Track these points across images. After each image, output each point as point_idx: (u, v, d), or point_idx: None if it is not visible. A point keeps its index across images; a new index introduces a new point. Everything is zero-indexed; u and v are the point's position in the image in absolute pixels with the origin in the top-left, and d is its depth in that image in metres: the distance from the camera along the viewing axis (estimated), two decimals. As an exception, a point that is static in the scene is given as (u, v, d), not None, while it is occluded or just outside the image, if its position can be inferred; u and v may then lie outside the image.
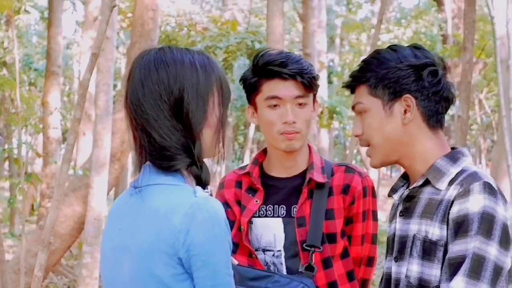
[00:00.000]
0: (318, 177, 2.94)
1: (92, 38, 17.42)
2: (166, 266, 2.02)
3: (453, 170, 2.35)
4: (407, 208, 2.44)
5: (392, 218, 2.54)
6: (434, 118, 2.41)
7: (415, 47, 2.45)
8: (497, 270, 2.19)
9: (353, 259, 3.03)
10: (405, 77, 2.37)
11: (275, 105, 2.89)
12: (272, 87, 2.89)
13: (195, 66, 2.15)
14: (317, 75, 2.95)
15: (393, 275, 2.44)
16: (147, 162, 2.15)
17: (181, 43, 13.74)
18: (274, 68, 2.86)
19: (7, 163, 27.25)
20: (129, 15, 15.37)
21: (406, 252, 2.39)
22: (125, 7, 16.19)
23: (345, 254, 3.01)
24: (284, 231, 2.94)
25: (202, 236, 2.00)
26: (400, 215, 2.46)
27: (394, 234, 2.48)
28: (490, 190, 2.24)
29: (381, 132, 2.40)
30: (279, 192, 2.99)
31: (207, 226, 2.01)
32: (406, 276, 2.36)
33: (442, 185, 2.34)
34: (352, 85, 2.49)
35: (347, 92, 2.97)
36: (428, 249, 2.31)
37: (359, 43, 24.64)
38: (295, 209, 2.94)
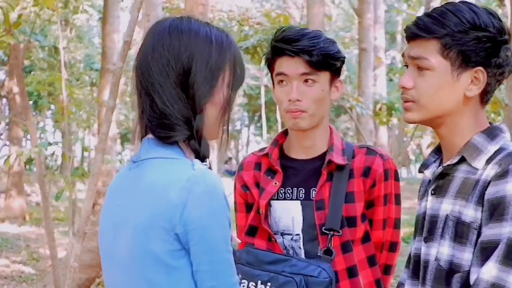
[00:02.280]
0: (338, 159, 2.86)
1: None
2: (163, 242, 1.96)
3: (491, 148, 2.18)
4: (440, 186, 2.27)
5: (422, 196, 2.38)
6: (488, 96, 2.25)
7: (491, 13, 2.23)
8: None
9: (375, 243, 2.94)
10: (483, 49, 2.18)
11: (282, 81, 2.84)
12: (280, 64, 2.84)
13: (210, 39, 2.10)
14: (337, 54, 2.84)
15: (422, 257, 2.29)
16: (148, 136, 2.11)
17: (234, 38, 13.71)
18: (282, 45, 2.81)
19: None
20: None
21: (436, 233, 2.23)
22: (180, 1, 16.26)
23: (366, 238, 2.92)
24: (303, 214, 2.87)
25: (199, 210, 1.94)
26: (432, 194, 2.29)
27: (424, 213, 2.31)
28: None
29: (438, 96, 2.20)
30: (298, 174, 2.91)
31: (204, 200, 1.95)
32: (436, 259, 2.21)
33: (479, 163, 2.17)
34: (418, 34, 2.23)
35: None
36: (461, 231, 2.14)
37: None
38: (314, 192, 2.86)
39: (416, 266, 2.32)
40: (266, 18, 12.02)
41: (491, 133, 2.22)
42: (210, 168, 2.07)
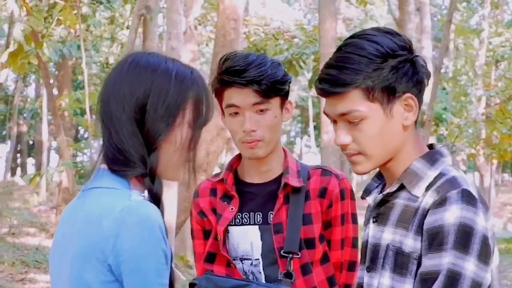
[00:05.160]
0: (294, 182, 2.84)
1: (191, 51, 17.76)
2: (96, 273, 1.93)
3: (431, 174, 2.10)
4: (381, 213, 2.21)
5: (366, 222, 2.31)
6: (419, 111, 2.17)
7: (387, 32, 2.14)
8: (475, 287, 1.96)
9: (334, 264, 2.92)
10: (403, 75, 2.09)
11: (235, 113, 2.81)
12: (230, 95, 2.80)
13: (169, 74, 2.06)
14: (284, 77, 2.81)
15: (364, 287, 2.24)
16: (102, 165, 2.09)
17: (269, 52, 13.75)
18: (230, 77, 2.77)
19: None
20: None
21: (378, 262, 2.17)
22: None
23: (325, 259, 2.90)
24: (261, 238, 2.86)
25: (132, 241, 1.90)
26: (373, 221, 2.24)
27: (367, 241, 2.26)
28: (469, 198, 1.99)
29: (381, 140, 2.10)
30: (254, 199, 2.90)
31: (137, 231, 1.90)
32: None
33: (419, 191, 2.09)
34: (336, 91, 2.08)
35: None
36: (401, 262, 2.08)
37: (468, 47, 24.04)
38: (271, 216, 2.85)
39: None
40: (301, 31, 12.05)
41: (431, 158, 2.15)
42: (158, 199, 2.04)
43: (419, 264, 2.04)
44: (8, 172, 35.44)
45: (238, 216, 2.89)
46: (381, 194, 2.21)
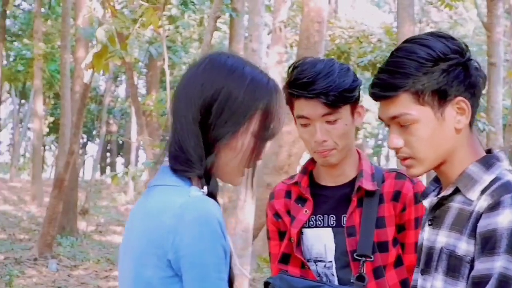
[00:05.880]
0: (368, 185, 2.84)
1: (278, 53, 17.78)
2: (155, 269, 1.96)
3: (487, 178, 2.08)
4: (436, 217, 2.20)
5: (422, 225, 2.32)
6: (475, 115, 2.16)
7: (440, 36, 2.14)
8: None
9: (407, 267, 2.90)
10: (454, 78, 2.09)
11: (305, 124, 2.80)
12: (300, 106, 2.79)
13: (243, 80, 2.04)
14: (353, 84, 2.78)
15: None
16: (166, 163, 2.10)
17: (352, 54, 13.65)
18: (297, 90, 2.76)
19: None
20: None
21: (432, 265, 2.17)
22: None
23: (398, 262, 2.90)
24: (335, 241, 2.87)
25: (191, 236, 1.91)
26: (429, 224, 2.23)
27: (422, 245, 2.26)
28: None
29: (433, 144, 2.11)
30: (328, 201, 2.91)
31: (195, 227, 1.91)
32: None
33: (474, 194, 2.08)
34: (386, 95, 2.12)
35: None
36: (453, 265, 2.08)
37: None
38: (344, 218, 2.85)
39: None
40: (387, 34, 11.91)
41: (487, 162, 2.13)
42: (213, 199, 2.02)
43: (471, 268, 2.03)
44: (97, 171, 36.22)
45: (312, 219, 2.91)
46: (436, 198, 2.21)
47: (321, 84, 2.71)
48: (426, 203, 2.27)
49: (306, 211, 2.90)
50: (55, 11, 26.08)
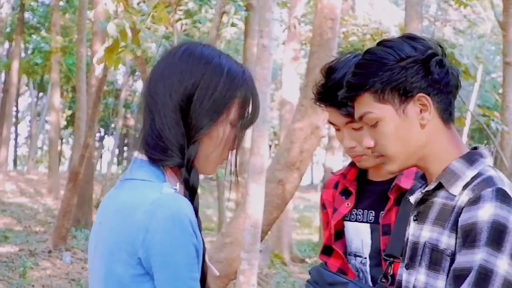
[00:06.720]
0: (405, 183, 2.75)
1: (294, 50, 17.79)
2: (125, 266, 1.93)
3: (469, 173, 2.13)
4: (421, 212, 2.25)
5: (409, 221, 2.35)
6: (448, 111, 2.20)
7: (409, 37, 2.23)
8: (507, 286, 1.97)
9: None
10: (413, 74, 2.15)
11: (337, 129, 2.80)
12: (328, 113, 2.80)
13: (221, 70, 2.05)
14: None
15: (403, 284, 2.27)
16: (139, 155, 2.08)
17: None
18: (319, 102, 2.77)
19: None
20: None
21: (416, 260, 2.21)
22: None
23: None
24: (371, 237, 2.83)
25: (161, 235, 1.89)
26: (414, 220, 2.28)
27: (407, 240, 2.31)
28: (504, 197, 2.02)
29: (398, 139, 2.17)
30: (371, 196, 2.86)
31: (167, 225, 1.89)
32: (414, 287, 2.20)
33: (456, 189, 2.13)
34: (350, 95, 2.23)
35: None
36: (435, 259, 2.12)
37: None
38: (382, 215, 2.80)
39: None
40: (401, 32, 11.87)
41: (470, 158, 2.17)
42: (194, 191, 2.02)
43: (452, 261, 2.07)
44: (113, 164, 36.31)
45: (353, 212, 2.87)
46: (421, 193, 2.25)
47: (330, 97, 2.70)
48: (412, 199, 2.31)
49: (348, 204, 2.87)
50: (73, 5, 26.22)
